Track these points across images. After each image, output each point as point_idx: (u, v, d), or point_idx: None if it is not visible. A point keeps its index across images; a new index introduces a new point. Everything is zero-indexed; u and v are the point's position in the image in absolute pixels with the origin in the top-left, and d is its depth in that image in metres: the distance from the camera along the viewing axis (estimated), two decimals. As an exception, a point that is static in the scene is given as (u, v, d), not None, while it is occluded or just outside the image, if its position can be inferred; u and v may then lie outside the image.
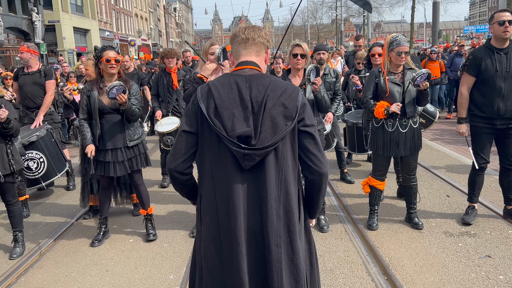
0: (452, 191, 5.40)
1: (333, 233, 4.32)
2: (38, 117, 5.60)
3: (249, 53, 2.04)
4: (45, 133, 5.37)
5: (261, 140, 1.87)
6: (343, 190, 5.63)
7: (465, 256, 3.74)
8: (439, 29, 19.52)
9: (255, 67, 2.02)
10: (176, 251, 4.11)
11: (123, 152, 4.11)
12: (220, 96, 1.92)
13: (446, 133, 9.27)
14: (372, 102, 4.12)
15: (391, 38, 4.06)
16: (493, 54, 4.03)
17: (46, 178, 5.37)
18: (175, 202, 5.47)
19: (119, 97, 3.84)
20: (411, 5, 28.38)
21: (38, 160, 5.25)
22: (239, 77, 1.96)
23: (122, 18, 45.86)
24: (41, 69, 5.78)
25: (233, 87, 1.93)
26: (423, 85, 3.91)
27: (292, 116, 1.92)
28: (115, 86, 3.80)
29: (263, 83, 1.94)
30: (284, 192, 1.95)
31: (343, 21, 48.67)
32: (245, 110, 1.90)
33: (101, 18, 38.69)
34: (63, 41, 30.10)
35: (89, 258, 4.05)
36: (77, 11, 33.83)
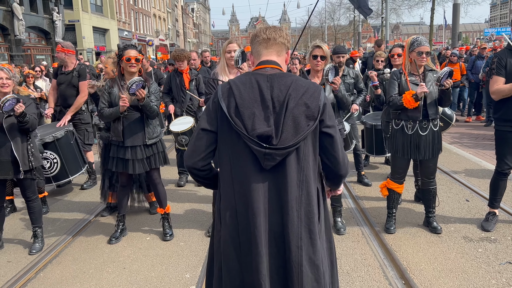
0: (472, 195, 5.32)
1: (350, 236, 4.29)
2: (66, 116, 5.67)
3: (270, 53, 2.03)
4: (62, 135, 5.43)
5: (282, 140, 1.86)
6: (360, 193, 5.59)
7: (485, 262, 3.67)
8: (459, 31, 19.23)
9: (277, 66, 2.00)
10: (193, 250, 4.12)
11: (142, 150, 4.14)
12: (241, 95, 1.91)
13: (465, 137, 9.12)
14: (398, 96, 4.05)
15: (411, 39, 4.03)
16: None
17: (58, 179, 5.45)
18: (192, 201, 5.49)
19: (138, 93, 3.87)
20: (431, 7, 28.06)
21: (51, 161, 5.33)
22: (261, 76, 1.95)
23: (141, 18, 46.28)
24: (76, 68, 5.83)
25: (254, 86, 1.92)
26: (447, 84, 3.85)
27: (314, 116, 1.90)
28: (135, 82, 3.83)
29: (284, 82, 1.92)
30: (305, 192, 1.93)
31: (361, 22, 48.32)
32: (266, 109, 1.89)
33: (120, 18, 39.11)
34: (82, 41, 30.51)
35: (106, 255, 4.09)
36: (96, 11, 34.26)
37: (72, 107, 5.74)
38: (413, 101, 3.93)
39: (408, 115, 4.06)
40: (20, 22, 22.77)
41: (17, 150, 3.93)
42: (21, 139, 3.99)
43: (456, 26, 18.03)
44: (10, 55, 22.50)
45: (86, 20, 31.43)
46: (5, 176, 3.98)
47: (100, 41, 35.04)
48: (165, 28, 56.45)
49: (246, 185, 1.91)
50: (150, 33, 48.80)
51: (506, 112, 4.05)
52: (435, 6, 28.02)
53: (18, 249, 4.29)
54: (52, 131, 5.44)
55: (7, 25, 22.15)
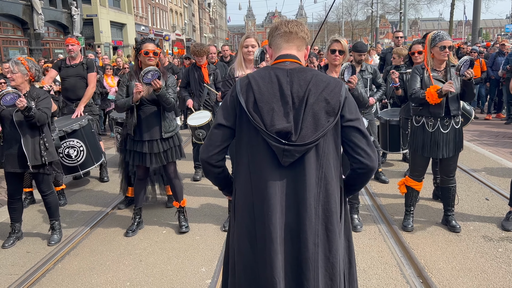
0: (492, 194, 5.22)
1: (367, 233, 4.25)
2: (79, 107, 5.75)
3: (290, 47, 2.00)
4: (86, 123, 5.53)
5: (301, 137, 1.83)
6: (377, 190, 5.53)
7: (505, 262, 3.60)
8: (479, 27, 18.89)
9: (296, 61, 1.97)
10: (208, 244, 4.13)
11: (159, 143, 4.16)
12: (260, 90, 1.88)
13: (485, 135, 8.96)
14: (422, 90, 3.95)
15: (432, 35, 3.94)
16: None
17: (84, 166, 5.52)
18: (207, 195, 5.50)
19: (154, 83, 3.87)
20: (451, 2, 27.60)
21: (78, 149, 5.40)
22: (280, 71, 1.92)
23: (158, 13, 46.48)
24: (83, 61, 5.91)
25: (273, 81, 1.89)
26: (468, 74, 3.75)
27: (334, 111, 1.87)
28: (150, 71, 3.82)
29: (304, 77, 1.89)
30: (323, 190, 1.90)
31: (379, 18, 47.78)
32: (285, 105, 1.86)
33: (137, 13, 39.34)
34: (100, 35, 30.77)
35: (123, 247, 4.12)
36: (114, 6, 34.50)
37: (83, 98, 5.82)
38: (437, 96, 3.83)
39: (430, 111, 3.98)
40: (40, 17, 23.05)
41: (26, 145, 3.96)
42: (32, 134, 4.01)
43: (477, 21, 17.72)
44: (30, 49, 22.80)
45: (104, 14, 31.68)
46: (14, 169, 4.03)
47: (118, 35, 35.30)
48: (182, 23, 56.61)
49: (263, 180, 1.89)
50: (166, 28, 49.00)
51: None
52: (455, 1, 27.54)
53: (37, 240, 4.35)
54: (71, 122, 5.50)
55: (26, 19, 22.44)
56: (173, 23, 51.83)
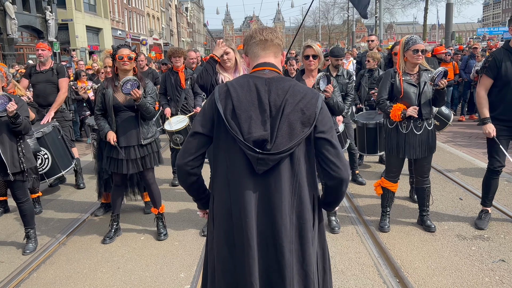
0: (465, 194, 5.35)
1: (345, 235, 4.30)
2: (49, 113, 5.65)
3: (267, 54, 2.02)
4: (51, 130, 5.41)
5: (276, 145, 1.85)
6: (354, 191, 5.60)
7: (478, 260, 3.70)
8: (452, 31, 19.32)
9: (275, 69, 1.99)
10: (187, 249, 4.12)
11: (136, 150, 4.13)
12: (239, 98, 1.89)
13: (458, 136, 9.17)
14: (388, 104, 4.08)
15: (406, 39, 4.04)
16: None
17: (50, 174, 5.42)
18: (186, 200, 5.47)
19: (133, 92, 3.85)
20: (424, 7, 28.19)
21: (42, 157, 5.30)
22: (259, 79, 1.93)
23: (134, 17, 46.11)
24: (53, 67, 5.82)
25: (252, 89, 1.91)
26: (441, 83, 3.87)
27: (310, 122, 1.89)
28: (129, 81, 3.81)
29: (282, 87, 1.91)
30: (297, 198, 1.92)
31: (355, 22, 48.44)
32: (263, 113, 1.88)
33: (114, 17, 38.95)
34: (75, 40, 30.36)
35: (100, 255, 4.07)
36: (90, 10, 34.10)
37: (54, 104, 5.73)
38: (400, 117, 3.99)
39: None
40: (13, 21, 22.62)
41: (4, 153, 3.87)
42: (9, 141, 3.92)
43: (450, 25, 18.10)
44: (3, 54, 22.33)
45: (79, 19, 31.28)
46: None
47: (94, 40, 34.88)
48: (159, 27, 56.27)
49: (240, 187, 1.91)
50: (144, 32, 48.63)
51: (502, 112, 4.08)
52: (428, 5, 28.19)
53: (11, 249, 4.26)
54: (38, 128, 5.40)
55: (-1, 24, 22.01)
56: (150, 28, 51.48)
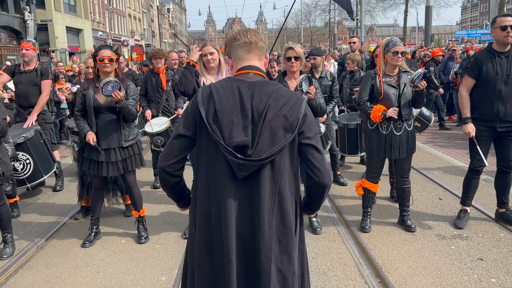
0: (445, 194, 5.43)
1: (326, 235, 4.32)
2: (32, 116, 5.53)
3: (252, 57, 2.00)
4: (33, 135, 5.31)
5: (257, 151, 1.83)
6: (336, 192, 5.63)
7: (457, 259, 3.75)
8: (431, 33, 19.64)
9: (260, 72, 1.97)
10: (168, 252, 4.08)
11: (117, 152, 4.08)
12: (221, 102, 1.87)
13: (438, 136, 9.32)
14: (369, 105, 4.11)
15: (386, 40, 4.09)
16: (494, 58, 4.07)
17: (32, 179, 5.32)
18: (168, 202, 5.43)
19: (115, 94, 3.80)
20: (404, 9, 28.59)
21: (24, 162, 5.20)
22: (243, 83, 1.91)
23: (115, 18, 45.66)
24: (37, 68, 5.70)
25: (235, 93, 1.88)
26: (421, 85, 3.92)
27: (292, 128, 1.87)
28: (110, 83, 3.75)
29: (266, 91, 1.89)
30: (277, 204, 1.90)
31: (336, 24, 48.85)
32: (244, 118, 1.85)
33: (94, 18, 38.49)
34: (55, 41, 29.88)
35: (80, 259, 4.01)
36: (70, 11, 33.62)
37: (36, 106, 5.61)
38: (380, 118, 4.03)
39: None
40: (-10, 22, 22.17)
41: None
42: None
43: (429, 28, 18.42)
44: (-20, 55, 21.87)
45: (59, 20, 30.81)
46: None
47: (74, 41, 34.39)
48: (141, 28, 55.84)
49: (220, 192, 1.89)
50: (125, 34, 48.19)
51: (482, 113, 4.16)
52: (408, 8, 28.58)
53: (-12, 254, 4.16)
54: (20, 132, 5.29)
55: (-24, 24, 21.55)
56: (131, 29, 51.03)
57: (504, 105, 4.05)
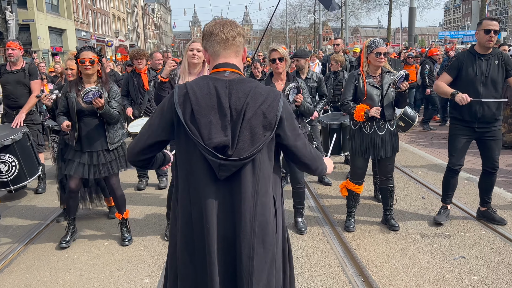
0: (428, 193, 5.48)
1: (311, 235, 4.33)
2: (20, 115, 5.39)
3: (228, 54, 1.94)
4: (21, 137, 5.20)
5: (238, 151, 1.82)
6: (321, 192, 5.65)
7: (440, 257, 3.79)
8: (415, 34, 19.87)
9: (236, 70, 1.93)
10: (152, 254, 4.04)
11: (100, 155, 4.03)
12: (198, 102, 1.83)
13: (422, 136, 9.42)
14: (352, 105, 4.14)
15: (369, 42, 4.12)
16: (475, 60, 4.13)
17: (16, 182, 5.21)
18: (152, 204, 5.39)
19: (95, 102, 3.75)
20: (388, 10, 28.88)
21: (9, 164, 5.09)
22: (219, 82, 1.86)
23: (99, 19, 45.23)
24: (25, 67, 5.59)
25: (212, 93, 1.84)
26: (403, 86, 3.96)
27: (271, 126, 1.85)
28: (91, 91, 3.70)
29: (243, 89, 1.85)
30: (260, 203, 1.89)
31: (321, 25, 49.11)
32: (223, 118, 1.82)
33: (78, 18, 38.06)
34: (37, 41, 29.46)
35: (62, 262, 3.95)
36: (52, 11, 33.18)
37: (25, 106, 5.49)
38: (363, 117, 4.05)
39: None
40: (-30, 21, 21.75)
41: None
42: None
43: (412, 29, 18.64)
44: (-41, 56, 21.45)
45: (42, 19, 30.38)
46: None
47: (57, 41, 33.94)
48: (125, 28, 55.40)
49: (201, 193, 1.88)
50: (109, 34, 47.76)
51: (461, 113, 4.22)
52: (392, 9, 28.89)
53: (-33, 259, 4.08)
54: (7, 133, 5.19)
55: (-45, 24, 21.11)
56: (115, 29, 50.60)
57: (482, 106, 4.11)
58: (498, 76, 4.09)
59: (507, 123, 7.62)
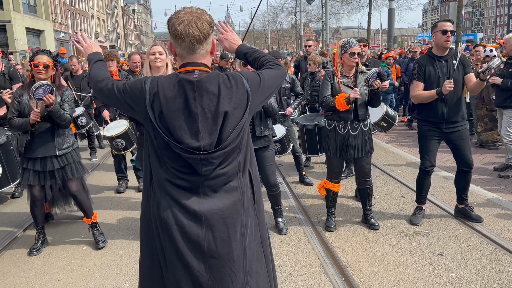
0: (407, 191, 5.55)
1: (292, 236, 4.33)
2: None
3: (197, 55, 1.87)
4: (5, 141, 5.10)
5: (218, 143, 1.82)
6: (302, 192, 5.67)
7: (419, 255, 3.83)
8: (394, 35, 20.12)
9: (205, 68, 1.89)
10: (132, 258, 3.99)
11: (53, 160, 3.95)
12: (168, 105, 1.78)
13: (401, 136, 9.53)
14: (331, 98, 4.15)
15: (342, 42, 4.17)
16: (435, 62, 4.21)
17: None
18: (132, 208, 5.32)
19: (46, 98, 3.65)
20: (368, 12, 29.17)
21: None
22: (188, 84, 1.80)
23: (79, 19, 44.60)
24: (4, 71, 5.46)
25: (181, 96, 1.79)
26: (376, 84, 4.00)
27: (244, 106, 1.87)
28: (42, 86, 3.62)
29: (212, 90, 1.81)
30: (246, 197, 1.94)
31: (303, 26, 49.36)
32: (193, 123, 1.79)
33: (56, 19, 37.45)
34: (14, 42, 28.89)
35: (39, 267, 3.87)
36: (30, 11, 32.57)
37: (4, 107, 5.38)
38: (345, 104, 4.06)
39: (339, 116, 4.19)
40: None
41: None
42: None
43: (392, 30, 18.87)
44: None
45: (18, 20, 29.80)
46: None
47: (35, 42, 33.33)
48: (105, 29, 54.77)
49: (183, 192, 1.86)
50: (88, 35, 47.14)
51: (429, 115, 4.29)
52: (371, 11, 29.13)
53: None
54: None
55: None
56: (95, 30, 49.97)
57: (447, 106, 4.19)
58: (459, 75, 4.20)
59: (483, 122, 7.77)
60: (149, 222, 1.98)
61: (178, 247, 1.86)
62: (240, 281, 1.90)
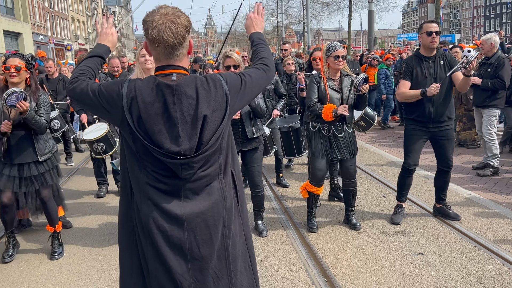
0: (388, 191, 5.60)
1: (275, 237, 4.32)
2: None
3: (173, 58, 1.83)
4: None
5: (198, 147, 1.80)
6: (284, 193, 5.67)
7: (400, 254, 3.87)
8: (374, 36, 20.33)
9: (182, 71, 1.85)
10: (112, 263, 3.93)
11: (32, 167, 3.87)
12: (147, 110, 1.75)
13: (382, 136, 9.63)
14: (319, 105, 4.16)
15: (327, 46, 4.19)
16: (422, 62, 4.26)
17: None
18: (112, 213, 5.25)
19: (20, 105, 3.56)
20: (348, 13, 29.44)
21: None
22: (166, 89, 1.77)
23: (58, 22, 43.93)
24: None
25: (160, 100, 1.76)
26: (363, 89, 4.03)
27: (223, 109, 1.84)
28: (14, 93, 3.52)
29: (191, 94, 1.78)
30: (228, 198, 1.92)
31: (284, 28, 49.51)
32: (173, 127, 1.76)
33: (34, 22, 36.82)
34: (-9, 45, 28.35)
35: (16, 275, 3.78)
36: (7, 13, 31.97)
37: None
38: (331, 116, 4.09)
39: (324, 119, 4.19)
40: None
41: None
42: None
43: (372, 31, 19.04)
44: None
45: (-5, 23, 29.26)
46: None
47: (13, 45, 32.70)
48: (85, 32, 54.11)
49: (164, 196, 1.83)
50: (68, 37, 46.48)
51: (415, 114, 4.34)
52: (352, 12, 29.43)
53: None
54: None
55: None
56: (75, 32, 49.33)
57: (434, 106, 4.25)
58: (445, 75, 4.24)
59: (462, 122, 7.89)
60: (128, 227, 1.94)
61: (160, 251, 1.83)
62: (223, 282, 1.89)
